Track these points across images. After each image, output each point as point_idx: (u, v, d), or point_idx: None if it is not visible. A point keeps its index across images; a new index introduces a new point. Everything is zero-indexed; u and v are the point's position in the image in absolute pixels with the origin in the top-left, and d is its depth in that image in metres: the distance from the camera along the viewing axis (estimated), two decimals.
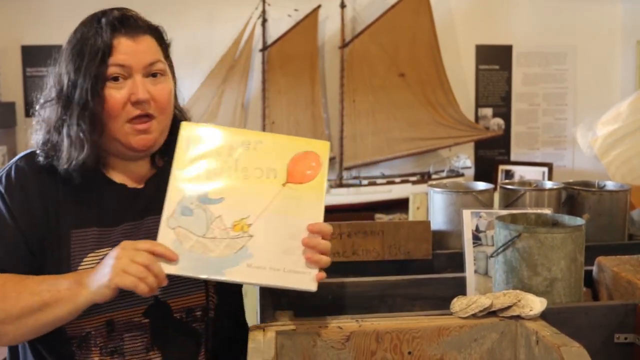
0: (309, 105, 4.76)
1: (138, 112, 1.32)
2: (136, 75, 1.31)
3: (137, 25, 1.35)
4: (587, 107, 5.00)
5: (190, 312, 1.39)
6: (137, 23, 1.35)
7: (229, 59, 4.74)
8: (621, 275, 1.56)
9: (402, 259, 1.94)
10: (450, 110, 4.82)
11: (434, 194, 2.06)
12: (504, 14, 4.99)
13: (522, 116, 5.08)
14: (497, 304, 1.33)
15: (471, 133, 4.83)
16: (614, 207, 2.07)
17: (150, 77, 1.34)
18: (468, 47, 4.99)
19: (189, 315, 1.39)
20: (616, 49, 5.06)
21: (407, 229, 1.95)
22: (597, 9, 5.00)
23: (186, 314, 1.39)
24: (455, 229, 1.97)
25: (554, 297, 1.45)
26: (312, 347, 1.28)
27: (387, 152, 4.78)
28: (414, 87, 4.79)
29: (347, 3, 4.79)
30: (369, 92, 4.77)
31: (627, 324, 1.40)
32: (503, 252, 1.50)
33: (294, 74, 4.77)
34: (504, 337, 1.31)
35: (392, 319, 1.34)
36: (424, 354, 1.30)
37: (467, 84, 5.03)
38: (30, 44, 4.59)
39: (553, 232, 1.45)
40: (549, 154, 5.09)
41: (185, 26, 4.71)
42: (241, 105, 4.77)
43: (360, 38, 4.77)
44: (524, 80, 5.06)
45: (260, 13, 4.76)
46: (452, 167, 4.82)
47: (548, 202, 2.03)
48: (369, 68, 4.78)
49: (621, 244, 2.05)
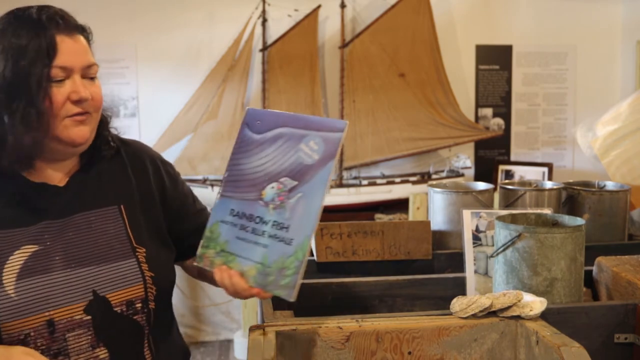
0: (309, 105, 4.76)
1: (77, 109, 1.31)
2: (75, 76, 1.32)
3: (74, 24, 1.34)
4: (587, 107, 5.00)
5: (131, 305, 1.37)
6: (73, 21, 1.35)
7: (229, 59, 4.74)
8: (621, 275, 1.56)
9: (402, 259, 1.94)
10: (450, 110, 4.81)
11: (434, 194, 2.06)
12: (504, 14, 4.99)
13: (522, 116, 5.08)
14: (497, 304, 1.33)
15: (471, 133, 4.83)
16: (614, 207, 2.07)
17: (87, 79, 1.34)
18: (468, 47, 4.99)
19: (130, 307, 1.37)
20: (616, 49, 5.06)
21: (407, 229, 1.95)
22: (597, 9, 5.00)
23: (127, 306, 1.37)
24: (455, 229, 1.97)
25: (554, 297, 1.45)
26: (312, 347, 1.28)
27: (387, 152, 4.78)
28: (414, 87, 4.79)
29: (347, 3, 4.79)
30: (369, 92, 4.77)
31: (627, 324, 1.40)
32: (503, 252, 1.50)
33: (294, 74, 4.77)
34: (504, 337, 1.31)
35: (392, 319, 1.34)
36: (424, 354, 1.30)
37: (467, 84, 5.03)
38: None
39: (553, 232, 1.45)
40: (549, 154, 5.09)
41: (185, 26, 4.71)
42: (241, 105, 4.77)
43: (360, 38, 4.77)
44: (524, 80, 5.06)
45: (260, 13, 4.76)
46: (452, 167, 4.82)
47: (548, 202, 2.03)
48: (369, 68, 4.78)
49: (621, 244, 2.06)
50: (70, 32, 1.32)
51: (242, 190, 1.33)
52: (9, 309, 1.25)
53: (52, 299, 1.28)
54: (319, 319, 1.35)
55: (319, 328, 1.30)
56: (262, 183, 1.31)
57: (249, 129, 1.36)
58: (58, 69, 1.29)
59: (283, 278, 1.23)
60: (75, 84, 1.31)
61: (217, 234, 1.34)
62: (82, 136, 1.34)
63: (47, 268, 1.30)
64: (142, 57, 4.73)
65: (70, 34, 1.32)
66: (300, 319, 1.36)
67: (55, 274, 1.31)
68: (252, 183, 1.32)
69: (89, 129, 1.36)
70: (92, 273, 1.34)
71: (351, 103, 4.76)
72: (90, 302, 1.32)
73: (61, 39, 1.29)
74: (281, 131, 1.32)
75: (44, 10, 1.31)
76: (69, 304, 1.30)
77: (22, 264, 1.28)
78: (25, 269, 1.28)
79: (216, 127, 4.74)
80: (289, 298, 1.23)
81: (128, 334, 1.37)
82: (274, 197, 1.28)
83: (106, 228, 1.39)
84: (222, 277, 1.31)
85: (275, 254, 1.25)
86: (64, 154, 1.37)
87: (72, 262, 1.33)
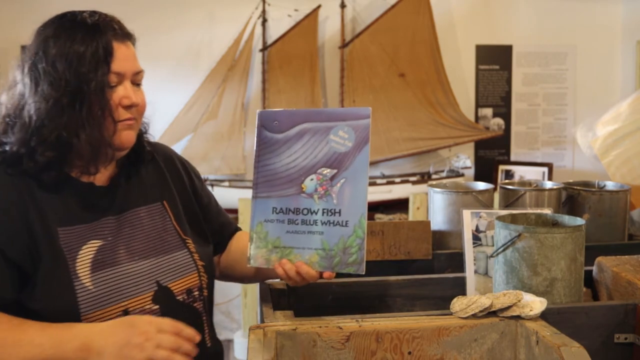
0: (309, 105, 4.76)
1: (128, 115, 1.37)
2: (126, 82, 1.37)
3: (126, 30, 1.40)
4: (587, 107, 5.00)
5: (190, 293, 1.44)
6: (125, 28, 1.40)
7: (229, 59, 4.74)
8: (621, 275, 1.56)
9: (402, 259, 1.94)
10: (450, 110, 4.81)
11: (434, 194, 2.06)
12: (504, 14, 4.99)
13: (522, 116, 5.08)
14: (497, 304, 1.33)
15: (471, 133, 4.83)
16: (614, 207, 2.07)
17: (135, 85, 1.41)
18: (468, 47, 4.99)
19: (190, 296, 1.44)
20: (616, 49, 5.06)
21: (407, 229, 1.95)
22: (597, 8, 5.00)
23: (187, 295, 1.44)
24: (455, 229, 1.97)
25: (554, 297, 1.45)
26: (312, 347, 1.28)
27: (387, 152, 4.78)
28: (414, 87, 4.79)
29: (347, 3, 4.79)
30: (369, 92, 4.76)
31: (627, 324, 1.40)
32: (503, 252, 1.50)
33: (294, 74, 4.77)
34: (504, 337, 1.31)
35: (392, 319, 1.34)
36: (424, 354, 1.30)
37: (467, 84, 5.03)
38: None
39: (553, 232, 1.45)
40: (549, 154, 5.09)
41: (185, 26, 4.71)
42: (241, 105, 4.77)
43: (360, 38, 4.77)
44: (524, 80, 5.06)
45: (260, 13, 4.76)
46: (452, 167, 4.82)
47: (548, 202, 2.03)
48: (369, 68, 4.78)
49: (621, 244, 2.06)
50: (123, 38, 1.38)
51: (279, 188, 1.39)
52: (89, 301, 1.29)
53: (125, 290, 1.33)
54: (319, 319, 1.35)
55: (319, 328, 1.30)
56: (299, 178, 1.38)
57: (267, 130, 1.41)
58: (114, 75, 1.34)
59: (349, 256, 1.34)
60: (127, 90, 1.37)
61: (264, 234, 1.39)
62: (130, 140, 1.40)
63: (115, 261, 1.35)
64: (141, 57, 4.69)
65: (123, 40, 1.38)
66: (300, 319, 1.36)
67: (123, 266, 1.36)
68: (288, 179, 1.38)
69: (135, 133, 1.42)
70: (153, 265, 1.40)
71: (351, 103, 4.76)
72: (156, 292, 1.38)
73: (117, 45, 1.35)
74: (304, 127, 1.39)
75: (97, 15, 1.36)
76: (139, 294, 1.36)
77: (93, 257, 1.33)
78: (96, 262, 1.33)
79: (216, 127, 4.74)
80: (359, 272, 1.33)
81: (191, 321, 1.42)
82: (315, 187, 1.36)
83: (155, 223, 1.46)
84: (287, 270, 1.36)
85: (334, 237, 1.35)
86: (110, 157, 1.41)
87: (134, 255, 1.39)
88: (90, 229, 1.36)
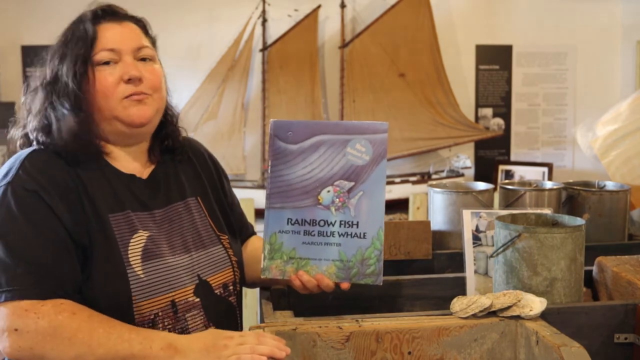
0: (309, 105, 4.76)
1: (132, 89, 1.38)
2: (126, 57, 1.39)
3: (121, 13, 1.44)
4: (587, 107, 4.99)
5: (226, 287, 1.47)
6: (121, 12, 1.44)
7: (229, 59, 4.74)
8: (621, 275, 1.56)
9: (402, 259, 1.94)
10: (450, 110, 4.81)
11: (434, 194, 2.06)
12: (504, 14, 4.98)
13: (522, 116, 5.08)
14: (497, 304, 1.33)
15: (471, 133, 4.83)
16: (614, 207, 2.07)
17: (140, 61, 1.41)
18: (468, 47, 4.99)
19: (225, 290, 1.47)
20: (616, 49, 5.06)
21: (407, 229, 1.95)
22: (597, 8, 5.00)
23: (223, 289, 1.47)
24: (455, 229, 1.97)
25: (554, 297, 1.45)
26: (312, 347, 1.28)
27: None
28: (414, 87, 4.78)
29: (347, 3, 4.79)
30: (369, 92, 4.76)
31: (627, 324, 1.40)
32: (503, 252, 1.50)
33: (294, 74, 4.76)
34: (504, 337, 1.31)
35: (392, 319, 1.34)
36: (424, 354, 1.30)
37: (467, 84, 5.02)
38: (30, 44, 4.58)
39: (553, 232, 1.45)
40: (549, 154, 5.09)
41: (185, 26, 4.71)
42: (241, 105, 4.77)
43: (360, 38, 4.77)
44: (524, 80, 5.06)
45: (260, 13, 4.76)
46: (452, 167, 4.82)
47: (548, 202, 2.03)
48: (369, 68, 4.77)
49: (621, 244, 2.05)
50: (119, 19, 1.41)
51: (294, 199, 1.39)
52: (141, 289, 1.32)
53: (172, 281, 1.36)
54: (319, 319, 1.36)
55: (319, 328, 1.30)
56: (315, 189, 1.37)
57: (280, 140, 1.40)
58: (105, 52, 1.37)
59: (367, 267, 1.36)
60: (126, 64, 1.38)
61: (278, 245, 1.39)
62: (142, 115, 1.40)
63: (161, 253, 1.38)
64: None
65: (118, 21, 1.41)
66: (300, 319, 1.36)
67: (168, 258, 1.38)
68: (304, 191, 1.38)
69: (150, 109, 1.41)
70: (192, 259, 1.43)
71: (351, 103, 4.75)
72: (197, 285, 1.41)
73: (105, 26, 1.39)
74: (320, 139, 1.38)
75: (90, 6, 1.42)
76: (183, 286, 1.38)
77: (143, 246, 1.35)
78: (146, 252, 1.35)
79: (216, 127, 4.74)
80: (377, 283, 1.35)
81: (228, 314, 1.47)
82: (333, 199, 1.37)
83: (192, 218, 1.48)
84: (305, 282, 1.37)
85: (351, 249, 1.36)
86: (131, 136, 1.43)
87: (176, 249, 1.41)
88: (139, 218, 1.39)
